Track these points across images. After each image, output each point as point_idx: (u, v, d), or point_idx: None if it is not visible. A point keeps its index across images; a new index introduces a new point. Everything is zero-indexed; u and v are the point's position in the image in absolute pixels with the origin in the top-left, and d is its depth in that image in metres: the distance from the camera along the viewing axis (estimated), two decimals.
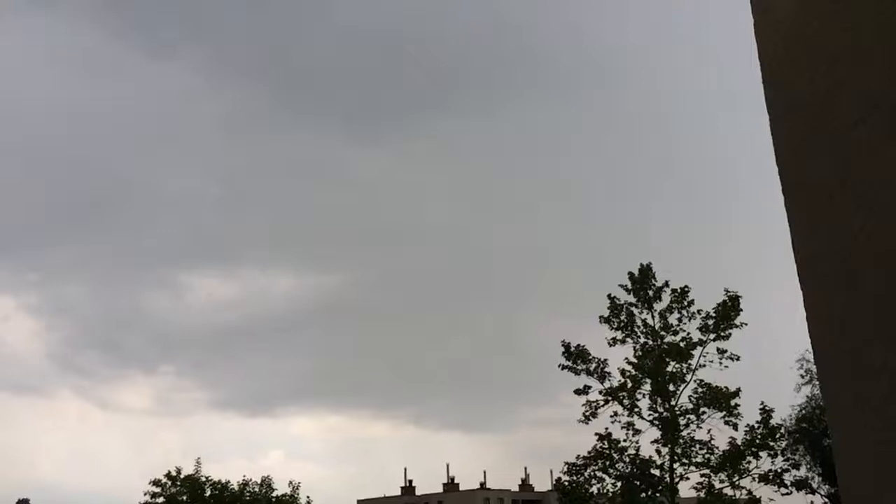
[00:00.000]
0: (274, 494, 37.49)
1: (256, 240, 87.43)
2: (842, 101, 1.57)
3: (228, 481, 37.23)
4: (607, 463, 26.64)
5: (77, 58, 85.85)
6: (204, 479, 36.62)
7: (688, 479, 26.35)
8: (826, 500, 31.31)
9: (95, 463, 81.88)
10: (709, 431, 26.32)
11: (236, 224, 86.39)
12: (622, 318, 27.82)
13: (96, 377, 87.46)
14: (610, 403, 27.23)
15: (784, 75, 1.69)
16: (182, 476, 36.11)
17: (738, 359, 26.68)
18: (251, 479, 37.66)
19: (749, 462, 25.95)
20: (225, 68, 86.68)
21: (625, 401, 27.10)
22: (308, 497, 38.45)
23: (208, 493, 36.42)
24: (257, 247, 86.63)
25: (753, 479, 25.82)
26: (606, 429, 26.97)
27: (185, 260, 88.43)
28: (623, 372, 27.34)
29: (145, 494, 35.66)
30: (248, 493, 37.05)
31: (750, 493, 25.78)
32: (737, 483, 25.86)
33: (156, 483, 35.72)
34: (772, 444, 26.18)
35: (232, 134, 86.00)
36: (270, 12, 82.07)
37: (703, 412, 26.45)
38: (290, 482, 38.15)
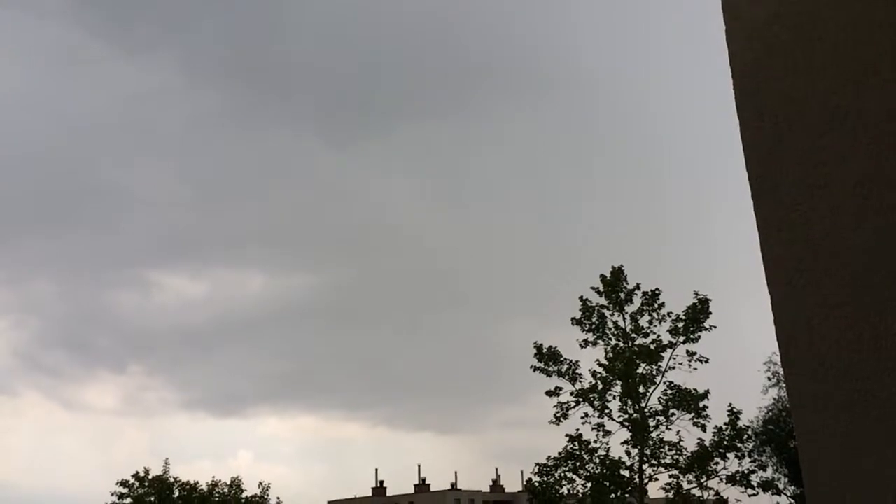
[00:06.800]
0: (243, 495, 37.25)
1: (228, 239, 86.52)
2: (810, 110, 1.60)
3: (197, 482, 36.95)
4: (577, 464, 26.78)
5: (47, 52, 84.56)
6: (172, 479, 36.28)
7: (657, 479, 26.61)
8: (792, 500, 31.75)
9: (61, 463, 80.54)
10: (678, 433, 26.60)
11: (208, 223, 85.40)
12: (594, 320, 28.01)
13: (63, 376, 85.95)
14: (581, 405, 27.40)
15: (754, 82, 1.72)
16: (150, 477, 35.74)
17: (707, 361, 26.99)
18: (220, 480, 37.42)
19: (717, 463, 26.24)
20: (198, 67, 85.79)
21: (595, 402, 27.26)
22: (278, 498, 38.30)
23: (177, 493, 36.10)
24: (229, 246, 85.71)
25: (721, 480, 26.11)
26: (577, 430, 27.13)
27: (156, 258, 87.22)
28: (594, 374, 27.52)
29: (112, 495, 35.27)
30: (217, 495, 36.77)
31: (717, 493, 26.06)
32: (705, 484, 26.13)
33: (123, 484, 35.32)
34: (739, 445, 26.50)
35: (204, 133, 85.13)
36: (247, 13, 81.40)
37: (673, 414, 26.71)
38: (260, 483, 37.98)
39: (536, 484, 27.27)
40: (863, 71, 1.55)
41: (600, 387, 27.36)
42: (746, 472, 26.37)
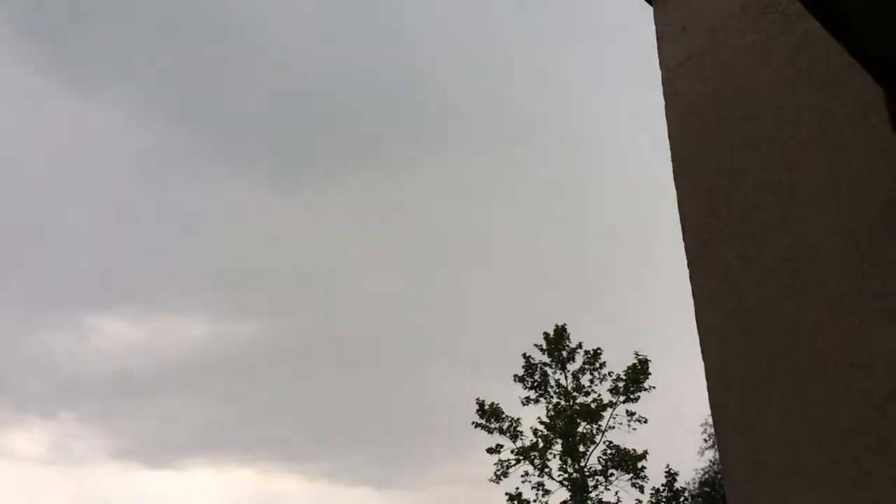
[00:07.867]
0: None
1: (170, 284, 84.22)
2: (744, 184, 1.67)
3: None
4: None
5: None
6: None
7: None
8: None
9: None
10: (616, 493, 26.62)
11: (150, 267, 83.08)
12: (536, 377, 28.08)
13: None
14: (521, 463, 27.25)
15: (690, 156, 1.79)
16: None
17: (645, 421, 27.21)
18: None
19: None
20: (147, 108, 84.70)
21: (536, 461, 27.15)
22: None
23: None
24: (171, 292, 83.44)
25: None
26: (517, 489, 26.94)
27: (93, 302, 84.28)
28: (535, 431, 27.46)
29: None
30: None
31: None
32: None
33: None
34: None
35: (150, 174, 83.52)
36: (199, 55, 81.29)
37: (612, 474, 26.75)
38: None
39: None
40: (793, 148, 1.63)
41: (541, 445, 27.28)
42: None
